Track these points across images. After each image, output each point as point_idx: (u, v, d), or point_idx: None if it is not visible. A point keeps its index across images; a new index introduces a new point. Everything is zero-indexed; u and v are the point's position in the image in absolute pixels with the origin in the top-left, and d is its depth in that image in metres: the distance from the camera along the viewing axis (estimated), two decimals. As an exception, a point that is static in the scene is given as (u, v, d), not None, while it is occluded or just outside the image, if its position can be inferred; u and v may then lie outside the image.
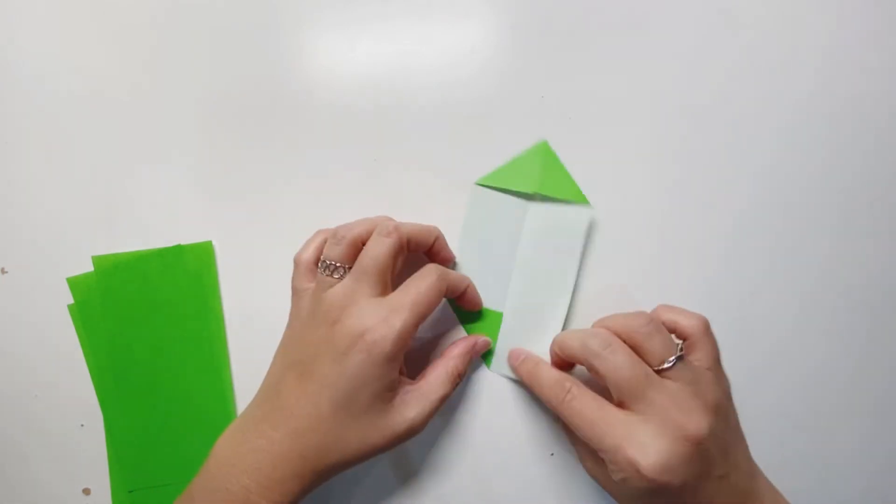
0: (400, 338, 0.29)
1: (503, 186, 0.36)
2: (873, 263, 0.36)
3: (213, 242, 0.37)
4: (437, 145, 0.36)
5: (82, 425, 0.38)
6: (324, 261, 0.32)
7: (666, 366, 0.29)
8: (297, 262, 0.34)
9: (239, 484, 0.29)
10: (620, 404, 0.29)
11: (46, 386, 0.38)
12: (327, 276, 0.31)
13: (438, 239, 0.33)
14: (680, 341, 0.31)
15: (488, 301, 0.36)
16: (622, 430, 0.28)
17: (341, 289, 0.30)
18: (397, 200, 0.36)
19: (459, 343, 0.34)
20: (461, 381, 0.33)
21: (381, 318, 0.29)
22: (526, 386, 0.34)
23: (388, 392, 0.30)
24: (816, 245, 0.36)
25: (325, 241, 0.33)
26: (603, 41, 0.36)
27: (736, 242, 0.36)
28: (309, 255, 0.33)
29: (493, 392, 0.37)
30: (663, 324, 0.31)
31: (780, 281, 0.36)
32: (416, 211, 0.36)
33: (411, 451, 0.37)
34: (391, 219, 0.34)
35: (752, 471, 0.31)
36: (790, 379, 0.36)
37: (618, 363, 0.28)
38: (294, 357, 0.31)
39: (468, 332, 0.36)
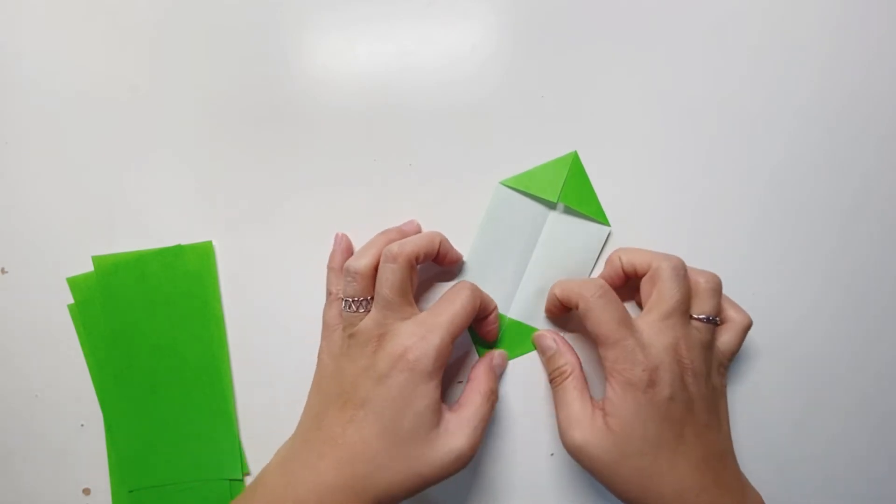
0: (440, 354, 0.29)
1: (527, 190, 0.35)
2: (877, 264, 0.36)
3: (213, 242, 0.37)
4: (436, 145, 0.36)
5: (82, 425, 0.38)
6: (345, 300, 0.32)
7: (699, 316, 0.31)
8: (328, 296, 0.34)
9: None
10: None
11: (46, 386, 0.38)
12: (352, 312, 0.32)
13: (442, 244, 0.34)
14: (727, 318, 0.33)
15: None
16: (643, 337, 0.30)
17: (372, 321, 0.31)
18: (397, 200, 0.36)
19: (479, 364, 0.34)
20: (497, 399, 0.34)
21: (419, 336, 0.30)
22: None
23: (433, 415, 0.30)
24: (822, 246, 0.36)
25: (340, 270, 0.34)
26: (603, 41, 0.36)
27: (737, 242, 0.36)
28: (336, 287, 0.34)
29: (493, 392, 0.37)
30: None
31: (783, 281, 0.36)
32: (415, 210, 0.36)
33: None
34: (393, 232, 0.34)
35: (731, 445, 0.32)
36: (792, 379, 0.36)
37: (672, 284, 0.31)
38: (334, 390, 0.31)
39: (473, 338, 0.36)
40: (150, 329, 0.37)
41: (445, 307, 0.31)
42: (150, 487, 0.38)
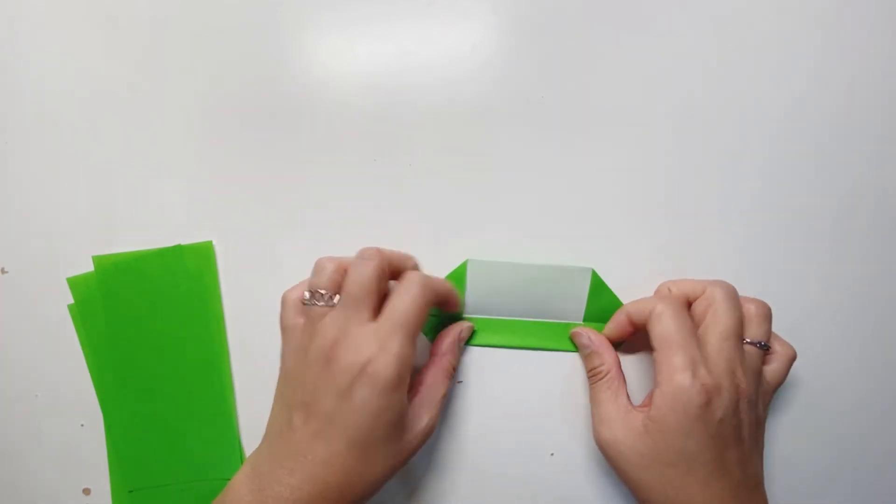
0: (401, 362, 0.28)
1: (433, 311, 0.36)
2: (876, 265, 0.36)
3: (213, 242, 0.37)
4: (436, 145, 0.36)
5: (82, 425, 0.38)
6: (310, 290, 0.31)
7: (752, 341, 0.31)
8: (284, 300, 0.33)
9: None
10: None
11: (46, 386, 0.38)
12: (313, 304, 0.31)
13: (414, 264, 0.35)
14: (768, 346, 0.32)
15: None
16: (706, 353, 0.30)
17: (331, 320, 0.30)
18: (397, 200, 0.36)
19: (446, 337, 0.34)
20: (455, 372, 0.34)
21: (378, 345, 0.28)
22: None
23: (400, 419, 0.29)
24: (820, 246, 0.36)
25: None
26: (604, 42, 0.36)
27: (738, 242, 0.36)
28: (297, 293, 0.33)
29: (492, 392, 0.37)
30: None
31: (784, 283, 0.36)
32: (415, 211, 0.36)
33: (411, 451, 0.37)
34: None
35: (763, 477, 0.32)
36: (792, 381, 0.36)
37: (727, 306, 0.31)
38: (296, 398, 0.30)
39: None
40: (150, 329, 0.37)
41: (398, 307, 0.29)
42: (150, 487, 0.38)
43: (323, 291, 0.31)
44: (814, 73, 0.35)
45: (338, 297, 0.31)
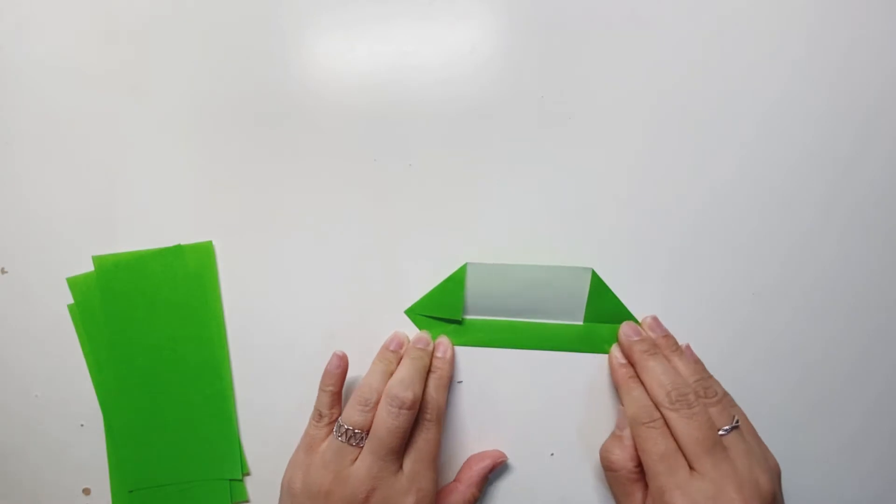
0: (431, 497, 0.31)
1: (433, 314, 0.36)
2: (872, 265, 0.36)
3: (213, 242, 0.37)
4: (436, 145, 0.36)
5: (82, 425, 0.38)
6: (347, 428, 0.31)
7: (721, 432, 0.30)
8: (321, 419, 0.33)
9: None
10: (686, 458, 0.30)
11: (46, 386, 0.38)
12: (347, 444, 0.31)
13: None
14: (736, 414, 0.32)
15: None
16: (682, 478, 0.29)
17: (364, 470, 0.30)
18: (397, 201, 0.36)
19: (476, 467, 0.35)
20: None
21: (415, 499, 0.30)
22: (614, 383, 0.35)
23: None
24: (818, 246, 0.36)
25: (337, 392, 0.34)
26: (603, 41, 0.36)
27: (738, 241, 0.36)
28: (333, 411, 0.33)
29: (492, 392, 0.37)
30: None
31: (782, 282, 0.36)
32: (416, 211, 0.36)
33: (411, 451, 0.37)
34: (393, 353, 0.35)
35: None
36: (789, 380, 0.36)
37: (692, 424, 0.30)
38: None
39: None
40: (150, 329, 0.37)
41: (423, 458, 0.31)
42: (150, 487, 0.38)
43: (361, 433, 0.31)
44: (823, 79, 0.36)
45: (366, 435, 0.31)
